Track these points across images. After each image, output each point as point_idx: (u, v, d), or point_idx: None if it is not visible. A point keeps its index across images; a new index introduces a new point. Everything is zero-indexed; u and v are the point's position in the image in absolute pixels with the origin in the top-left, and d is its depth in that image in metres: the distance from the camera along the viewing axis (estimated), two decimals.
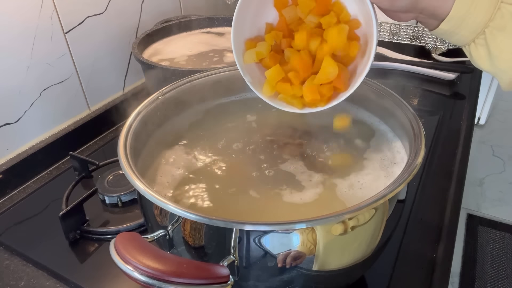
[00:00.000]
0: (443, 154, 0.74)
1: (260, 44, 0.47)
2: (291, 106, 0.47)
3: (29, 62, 0.72)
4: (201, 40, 0.91)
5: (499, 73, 0.42)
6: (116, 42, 0.89)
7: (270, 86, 0.47)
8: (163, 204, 0.37)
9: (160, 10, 1.00)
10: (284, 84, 0.46)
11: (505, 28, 0.39)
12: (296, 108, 0.47)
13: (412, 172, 0.39)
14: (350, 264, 0.40)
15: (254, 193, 0.46)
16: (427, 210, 0.61)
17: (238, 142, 0.54)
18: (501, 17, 0.39)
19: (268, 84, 0.47)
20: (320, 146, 0.53)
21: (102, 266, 0.54)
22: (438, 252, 0.54)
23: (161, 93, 0.55)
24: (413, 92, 0.96)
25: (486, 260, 1.57)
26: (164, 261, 0.33)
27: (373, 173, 0.48)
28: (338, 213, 0.35)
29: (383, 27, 1.15)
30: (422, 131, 0.45)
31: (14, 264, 0.56)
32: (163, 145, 0.54)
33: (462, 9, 0.40)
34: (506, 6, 0.39)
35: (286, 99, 0.47)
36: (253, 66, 0.49)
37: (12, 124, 0.71)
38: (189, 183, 0.48)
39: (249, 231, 0.36)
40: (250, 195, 0.46)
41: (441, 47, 1.10)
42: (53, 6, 0.73)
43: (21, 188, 0.70)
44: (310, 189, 0.46)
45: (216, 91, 0.62)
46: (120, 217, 0.62)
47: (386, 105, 0.53)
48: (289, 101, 0.47)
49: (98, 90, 0.87)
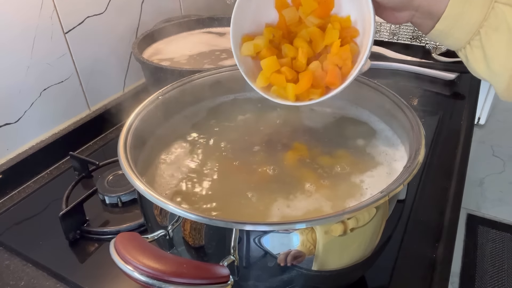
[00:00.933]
0: (443, 154, 0.74)
1: (258, 37, 0.47)
2: (284, 99, 0.47)
3: (29, 62, 0.72)
4: (202, 40, 0.91)
5: (494, 78, 0.42)
6: (116, 42, 0.89)
7: (264, 77, 0.47)
8: (163, 204, 0.37)
9: (160, 10, 1.00)
10: (278, 75, 0.46)
11: (499, 28, 0.39)
12: (288, 101, 0.47)
13: (412, 172, 0.39)
14: (350, 264, 0.40)
15: (255, 193, 0.46)
16: (427, 210, 0.61)
17: (238, 142, 0.54)
18: (495, 16, 0.39)
19: (263, 75, 0.47)
20: (320, 146, 0.53)
21: (102, 266, 0.54)
22: (438, 252, 0.54)
23: (161, 93, 0.55)
24: (413, 92, 0.96)
25: (486, 260, 1.57)
26: (164, 261, 0.33)
27: (373, 173, 0.48)
28: (338, 213, 0.35)
29: (383, 27, 1.15)
30: (422, 131, 0.45)
31: (14, 264, 0.56)
32: (163, 145, 0.54)
33: (457, 7, 0.40)
34: (500, 6, 0.39)
35: (279, 91, 0.47)
36: (250, 61, 0.49)
37: (12, 124, 0.71)
38: (189, 183, 0.48)
39: (249, 231, 0.36)
40: (251, 195, 0.46)
41: (441, 47, 1.10)
42: (53, 6, 0.73)
43: (21, 188, 0.70)
44: (311, 189, 0.46)
45: (216, 91, 0.62)
46: (120, 217, 0.62)
47: (386, 105, 0.53)
48: (282, 94, 0.47)
49: (98, 90, 0.87)
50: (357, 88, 0.58)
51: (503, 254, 1.59)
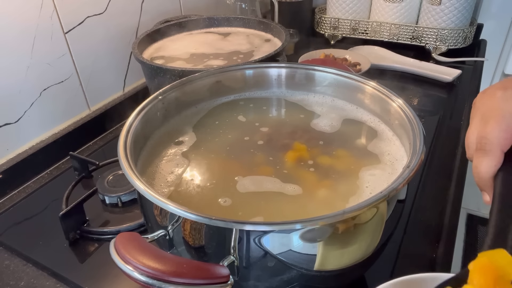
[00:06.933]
0: (443, 154, 0.74)
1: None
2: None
3: (29, 62, 0.72)
4: (201, 40, 0.91)
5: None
6: (116, 42, 0.89)
7: None
8: (163, 204, 0.37)
9: (160, 10, 1.00)
10: None
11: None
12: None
13: (412, 172, 0.39)
14: (350, 264, 0.40)
15: (255, 192, 0.46)
16: (427, 210, 0.61)
17: (238, 142, 0.54)
18: None
19: None
20: (321, 146, 0.53)
21: (102, 266, 0.54)
22: (438, 252, 0.54)
23: (161, 93, 0.55)
24: (413, 92, 0.96)
25: None
26: (164, 261, 0.33)
27: (373, 173, 0.48)
28: (338, 213, 0.35)
29: (383, 27, 1.15)
30: (422, 131, 0.45)
31: (14, 264, 0.56)
32: (163, 145, 0.54)
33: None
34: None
35: None
36: None
37: (12, 124, 0.71)
38: (189, 183, 0.48)
39: (249, 231, 0.36)
40: (251, 195, 0.46)
41: (441, 47, 1.10)
42: (53, 6, 0.73)
43: (21, 188, 0.70)
44: (311, 189, 0.46)
45: (216, 91, 0.62)
46: (120, 217, 0.62)
47: (386, 105, 0.53)
48: None
49: (98, 90, 0.87)
50: (357, 88, 0.58)
51: None
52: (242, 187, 0.46)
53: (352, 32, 1.20)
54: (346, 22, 1.19)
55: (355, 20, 1.18)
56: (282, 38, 0.84)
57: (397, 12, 1.12)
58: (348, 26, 1.19)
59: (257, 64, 0.64)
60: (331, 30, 1.22)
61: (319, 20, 1.23)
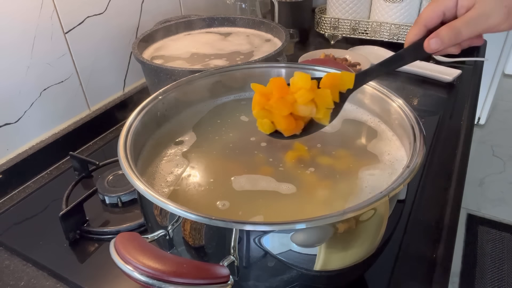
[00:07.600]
0: (443, 154, 0.74)
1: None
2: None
3: (29, 62, 0.72)
4: (202, 40, 0.91)
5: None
6: (116, 42, 0.89)
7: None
8: (163, 204, 0.37)
9: (160, 10, 1.00)
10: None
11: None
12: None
13: (412, 172, 0.39)
14: (350, 264, 0.40)
15: (255, 192, 0.46)
16: (427, 210, 0.61)
17: (239, 142, 0.54)
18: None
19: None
20: (321, 146, 0.53)
21: (102, 266, 0.54)
22: (438, 252, 0.54)
23: (161, 93, 0.55)
24: (413, 92, 0.96)
25: (486, 260, 1.57)
26: (164, 261, 0.33)
27: (373, 173, 0.48)
28: (338, 213, 0.35)
29: (383, 27, 1.15)
30: (422, 131, 0.45)
31: (14, 264, 0.56)
32: (163, 145, 0.54)
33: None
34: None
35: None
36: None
37: (12, 124, 0.71)
38: (189, 183, 0.48)
39: (249, 231, 0.36)
40: (251, 195, 0.46)
41: None
42: (53, 6, 0.73)
43: (21, 188, 0.70)
44: (311, 189, 0.46)
45: (216, 91, 0.62)
46: (120, 217, 0.62)
47: (386, 105, 0.53)
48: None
49: (98, 90, 0.87)
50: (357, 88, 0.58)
51: (503, 254, 1.59)
52: (238, 185, 0.47)
53: (352, 32, 1.20)
54: (346, 22, 1.19)
55: (355, 20, 1.18)
56: (282, 38, 0.84)
57: (397, 12, 1.12)
58: (348, 26, 1.19)
59: (257, 64, 0.64)
60: (331, 30, 1.22)
61: (319, 20, 1.23)
